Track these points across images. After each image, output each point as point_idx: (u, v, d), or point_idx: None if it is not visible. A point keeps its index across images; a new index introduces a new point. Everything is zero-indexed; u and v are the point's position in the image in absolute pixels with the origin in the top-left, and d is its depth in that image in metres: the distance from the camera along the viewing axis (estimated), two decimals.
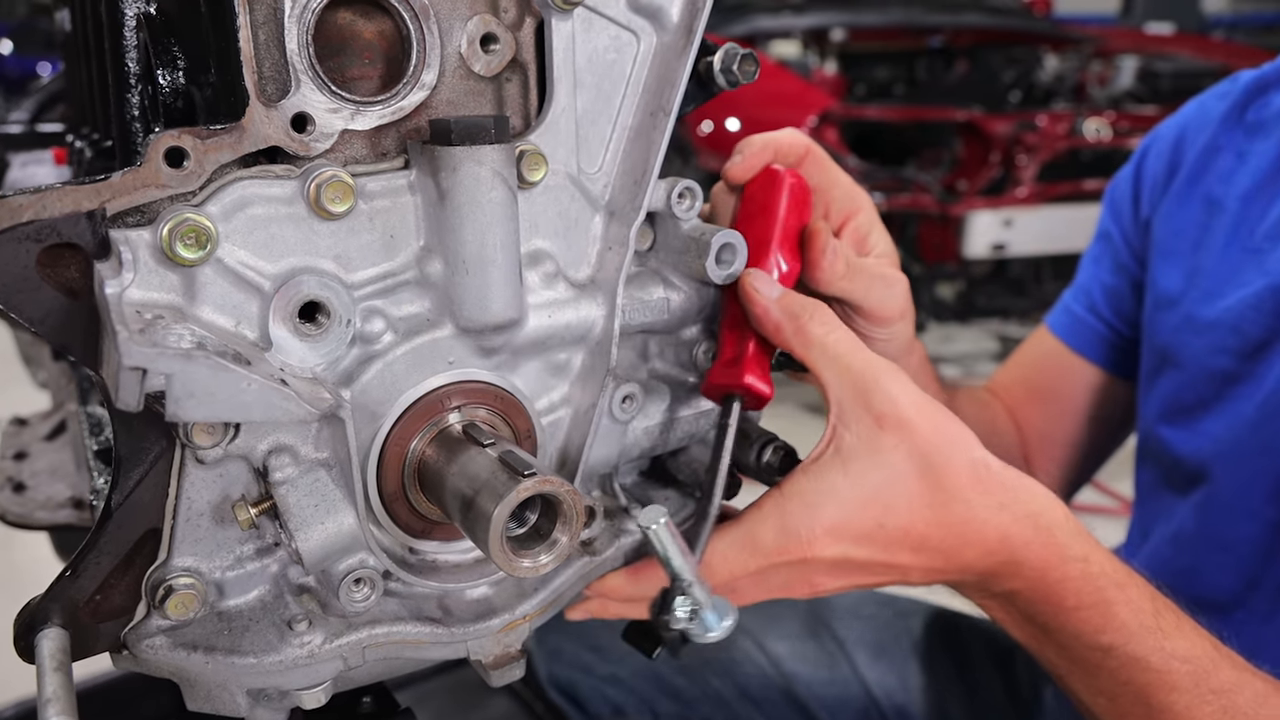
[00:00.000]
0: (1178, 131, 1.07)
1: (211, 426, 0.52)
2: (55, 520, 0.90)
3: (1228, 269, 0.94)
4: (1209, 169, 1.01)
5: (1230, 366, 0.91)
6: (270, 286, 0.51)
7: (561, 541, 0.53)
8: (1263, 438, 0.87)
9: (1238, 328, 0.90)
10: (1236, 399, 0.90)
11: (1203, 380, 0.93)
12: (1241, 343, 0.90)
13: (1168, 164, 1.06)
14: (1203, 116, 1.05)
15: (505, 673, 0.60)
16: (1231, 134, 1.00)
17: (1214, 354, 0.92)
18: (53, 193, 0.47)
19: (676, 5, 0.59)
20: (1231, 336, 0.91)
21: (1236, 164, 0.98)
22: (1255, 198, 0.94)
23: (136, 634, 0.55)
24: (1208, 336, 0.93)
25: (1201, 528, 0.93)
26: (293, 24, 0.50)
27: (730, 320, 0.66)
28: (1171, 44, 4.99)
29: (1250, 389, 0.89)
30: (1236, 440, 0.90)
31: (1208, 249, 0.97)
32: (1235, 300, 0.91)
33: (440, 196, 0.53)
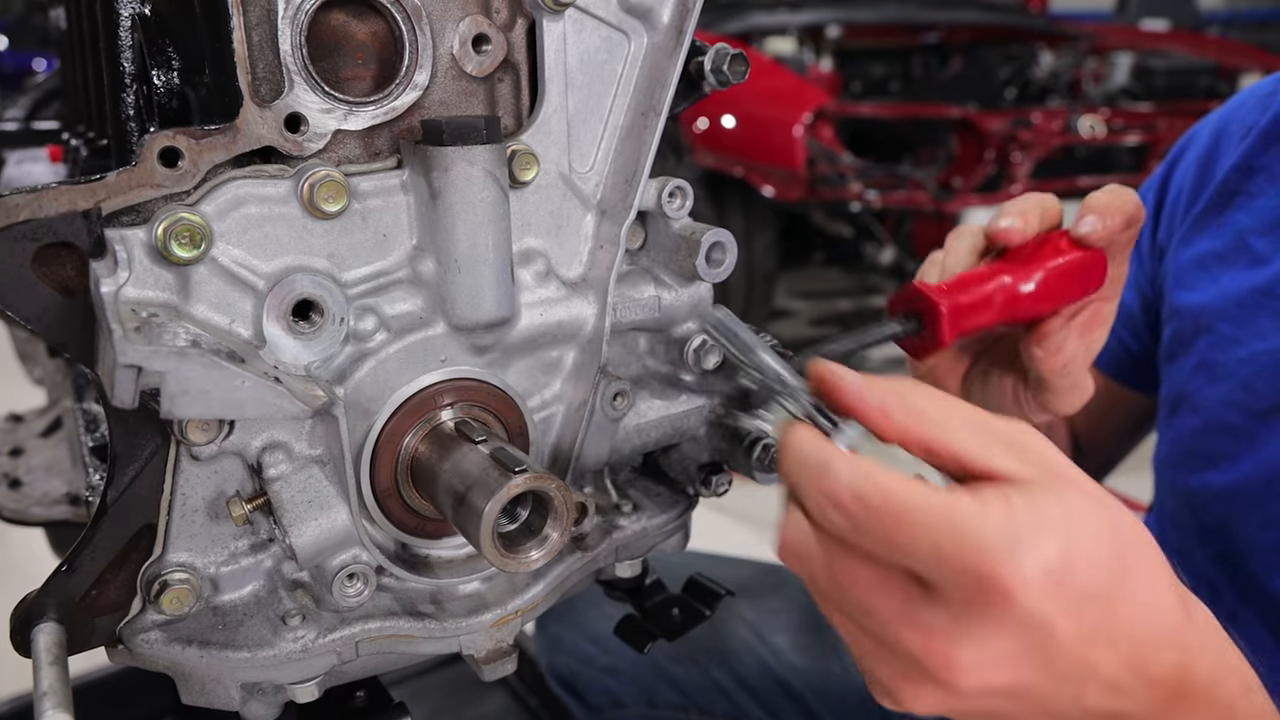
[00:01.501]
0: (1212, 140, 0.96)
1: (206, 423, 0.52)
2: (51, 516, 0.91)
3: (1244, 313, 0.87)
4: (1239, 191, 0.90)
5: (1240, 423, 0.85)
6: (264, 285, 0.52)
7: (553, 537, 0.53)
8: (1267, 509, 0.81)
9: (1250, 384, 0.84)
10: (1243, 459, 0.84)
11: (1215, 432, 0.87)
12: (1253, 400, 0.84)
13: (1196, 178, 0.95)
14: (1242, 125, 0.93)
15: (497, 667, 0.61)
16: (1267, 153, 0.89)
17: (1226, 407, 0.86)
18: (48, 192, 0.47)
19: (667, 6, 0.60)
20: (1243, 392, 0.85)
21: (1267, 188, 0.88)
22: (1275, 229, 0.86)
23: (132, 629, 0.56)
24: (1223, 385, 0.87)
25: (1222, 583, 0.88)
26: (286, 25, 0.50)
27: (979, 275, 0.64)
28: (1166, 40, 4.99)
29: (1257, 451, 0.83)
30: (1241, 504, 0.84)
31: (1226, 289, 0.89)
32: (1248, 353, 0.85)
33: (433, 196, 0.53)
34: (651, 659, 1.16)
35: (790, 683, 1.11)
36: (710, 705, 1.13)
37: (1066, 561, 0.44)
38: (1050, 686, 0.45)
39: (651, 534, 0.67)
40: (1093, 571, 0.44)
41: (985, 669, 0.44)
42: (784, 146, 3.35)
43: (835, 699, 1.10)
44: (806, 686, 1.11)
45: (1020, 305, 0.66)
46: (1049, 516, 0.44)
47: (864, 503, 0.44)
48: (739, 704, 1.12)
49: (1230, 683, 0.49)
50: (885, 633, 0.46)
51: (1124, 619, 0.45)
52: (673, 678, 1.16)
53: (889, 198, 3.37)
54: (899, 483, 0.45)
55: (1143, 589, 0.46)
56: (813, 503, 0.46)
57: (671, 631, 0.74)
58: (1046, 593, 0.43)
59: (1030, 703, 0.46)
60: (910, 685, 0.46)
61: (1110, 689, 0.46)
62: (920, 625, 0.44)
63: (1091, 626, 0.44)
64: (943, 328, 0.60)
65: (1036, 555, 0.43)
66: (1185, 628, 0.47)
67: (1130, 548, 0.46)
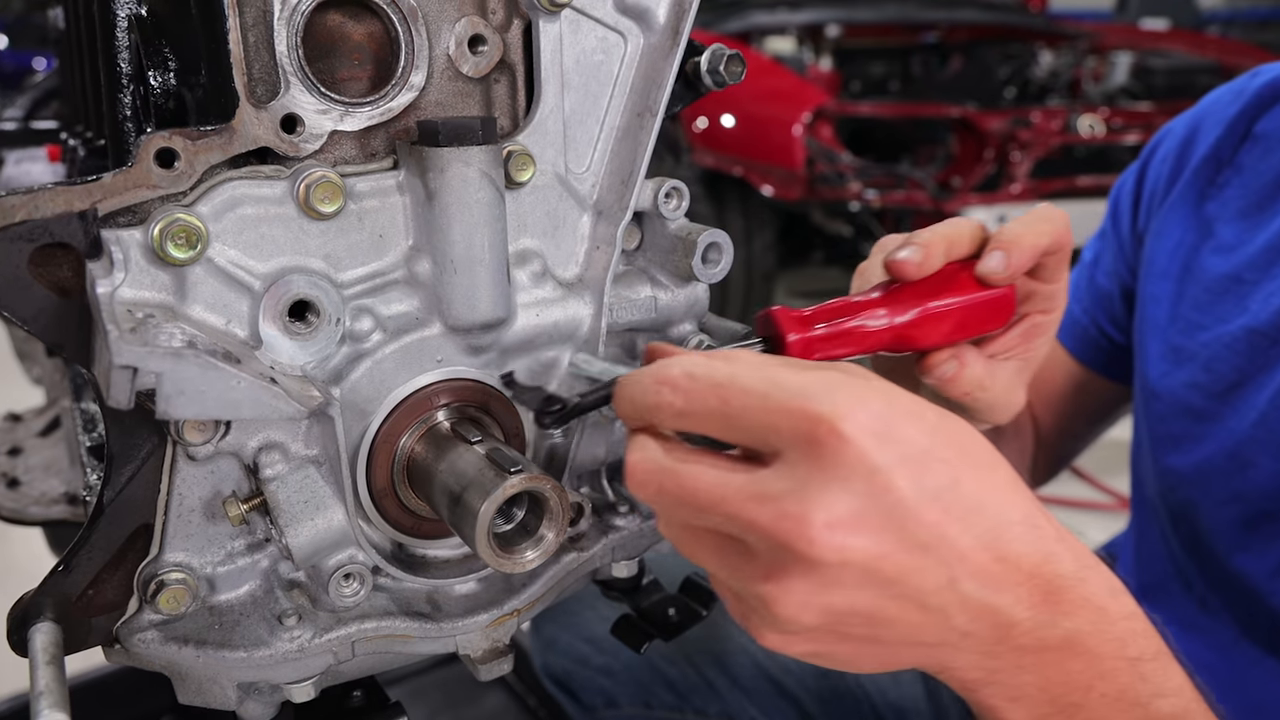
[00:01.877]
0: (1188, 131, 0.98)
1: (202, 424, 0.52)
2: (49, 516, 0.91)
3: (1211, 298, 0.88)
4: (1210, 181, 0.93)
5: (1201, 404, 0.87)
6: (260, 286, 0.52)
7: (548, 538, 0.53)
8: (1232, 485, 0.83)
9: (1210, 365, 0.86)
10: (1206, 439, 0.86)
11: (1178, 415, 0.89)
12: (1214, 381, 0.86)
13: (1172, 169, 0.98)
14: (1215, 116, 0.95)
15: (493, 667, 0.61)
16: (1236, 144, 0.92)
17: (1188, 389, 0.88)
18: (45, 193, 0.47)
19: (663, 7, 0.60)
20: (1204, 373, 0.87)
21: (1234, 179, 0.91)
22: (1246, 222, 0.88)
23: (128, 628, 0.56)
24: (1186, 369, 0.89)
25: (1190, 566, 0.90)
26: (282, 26, 0.51)
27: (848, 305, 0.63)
28: (1166, 40, 4.99)
29: (1218, 431, 0.85)
30: (1205, 483, 0.86)
31: (1195, 275, 0.91)
32: (1212, 336, 0.87)
33: (428, 197, 0.54)
34: (646, 659, 1.16)
35: (784, 683, 1.11)
36: (705, 705, 1.14)
37: (890, 415, 0.45)
38: (913, 564, 0.44)
39: (648, 534, 0.68)
40: (920, 435, 0.45)
41: (838, 531, 0.43)
42: (783, 146, 3.35)
43: (829, 699, 1.10)
44: (800, 687, 1.11)
45: (897, 339, 0.63)
46: (865, 385, 0.46)
47: (693, 376, 0.47)
48: (733, 704, 1.12)
49: (1094, 579, 0.48)
50: (740, 519, 0.45)
51: (970, 493, 0.45)
52: (667, 678, 1.16)
53: (888, 197, 3.37)
54: (724, 360, 0.48)
55: (986, 469, 0.47)
56: (649, 394, 0.48)
57: (668, 631, 0.74)
58: (877, 436, 0.44)
59: (902, 593, 0.45)
60: (776, 580, 0.45)
61: (981, 574, 0.45)
62: (767, 497, 0.44)
63: (933, 486, 0.44)
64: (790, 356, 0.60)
65: (857, 399, 0.44)
66: (1038, 514, 0.47)
67: (969, 441, 0.47)
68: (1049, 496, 2.94)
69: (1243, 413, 0.83)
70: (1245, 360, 0.84)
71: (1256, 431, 0.81)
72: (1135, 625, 0.49)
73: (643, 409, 0.49)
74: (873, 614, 0.46)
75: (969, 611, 0.46)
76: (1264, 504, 0.81)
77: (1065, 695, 0.48)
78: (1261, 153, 0.90)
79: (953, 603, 0.46)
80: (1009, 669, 0.48)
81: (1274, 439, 0.80)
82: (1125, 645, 0.49)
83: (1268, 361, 0.82)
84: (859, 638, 0.47)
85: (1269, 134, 0.89)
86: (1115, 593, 0.49)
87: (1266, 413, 0.81)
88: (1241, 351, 0.84)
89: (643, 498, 0.49)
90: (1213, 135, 0.94)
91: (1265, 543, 0.81)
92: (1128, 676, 0.49)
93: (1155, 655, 0.50)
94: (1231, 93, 0.95)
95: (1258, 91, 0.92)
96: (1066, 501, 2.91)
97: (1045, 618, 0.47)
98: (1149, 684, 0.49)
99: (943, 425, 0.47)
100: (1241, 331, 0.84)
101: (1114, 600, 0.49)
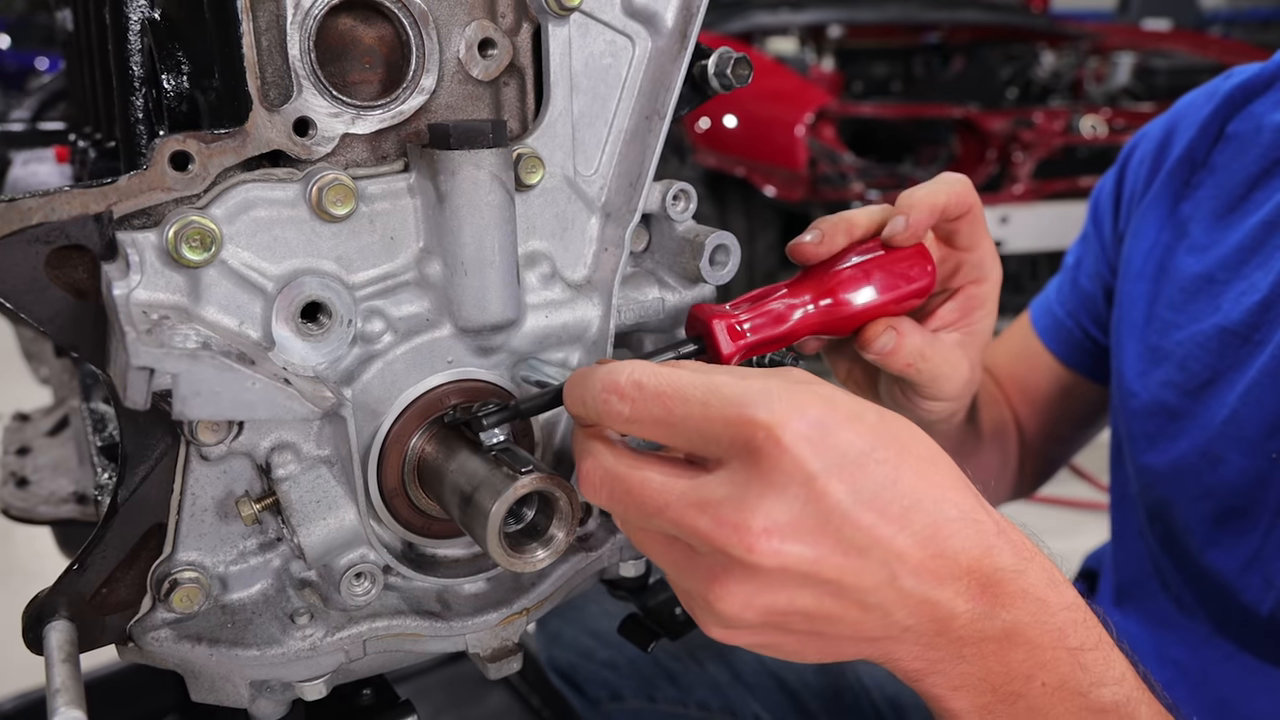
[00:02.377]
0: (1164, 133, 1.00)
1: (216, 424, 0.53)
2: (58, 515, 0.91)
3: (1185, 298, 0.90)
4: (1185, 182, 0.94)
5: (1176, 403, 0.88)
6: (273, 287, 0.52)
7: (558, 538, 0.54)
8: (1204, 481, 0.84)
9: (1184, 364, 0.87)
10: (1179, 436, 0.87)
11: (1154, 414, 0.90)
12: (1186, 379, 0.87)
13: (1149, 170, 0.99)
14: (1190, 118, 0.97)
15: (503, 666, 0.61)
16: (1209, 145, 0.93)
17: (1164, 388, 0.89)
18: (61, 196, 0.48)
19: (671, 10, 0.60)
20: (1179, 372, 0.88)
21: (1207, 179, 0.92)
22: (1219, 221, 0.89)
23: (142, 626, 0.56)
24: (1162, 368, 0.90)
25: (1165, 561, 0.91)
26: (295, 30, 0.51)
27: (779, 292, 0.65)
28: (1168, 40, 5.00)
29: (1191, 428, 0.86)
30: (1178, 480, 0.87)
31: (1170, 275, 0.92)
32: (1186, 335, 0.88)
33: (439, 199, 0.54)
34: (650, 655, 1.17)
35: (785, 678, 1.12)
36: (707, 700, 1.14)
37: (827, 420, 0.45)
38: (851, 566, 0.46)
39: None
40: (858, 438, 0.46)
41: (775, 537, 0.45)
42: (786, 146, 3.35)
43: (829, 695, 1.11)
44: (801, 683, 1.12)
45: (825, 319, 0.65)
46: (805, 390, 0.47)
47: (640, 385, 0.48)
48: (735, 699, 1.13)
49: (1033, 571, 0.49)
50: (682, 525, 0.47)
51: (908, 491, 0.46)
52: (671, 673, 1.17)
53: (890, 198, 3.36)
54: (670, 367, 0.49)
55: (926, 465, 0.48)
56: (598, 402, 0.49)
57: (675, 630, 0.75)
58: (812, 443, 0.45)
59: (841, 593, 0.46)
60: (718, 583, 0.47)
61: (920, 570, 0.46)
62: (708, 504, 0.46)
63: (870, 490, 0.45)
64: (718, 347, 0.61)
65: (795, 406, 0.45)
66: (979, 510, 0.48)
67: (910, 438, 0.48)
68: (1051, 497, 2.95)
69: (1214, 410, 0.84)
70: (1217, 358, 0.85)
71: (1227, 428, 0.82)
72: (1075, 615, 0.50)
73: (592, 414, 0.50)
74: (813, 612, 0.47)
75: (908, 606, 0.47)
76: (1233, 500, 0.82)
77: (1006, 685, 0.49)
78: (1234, 153, 0.90)
79: (892, 599, 0.47)
80: (950, 659, 0.49)
81: (1244, 435, 0.81)
82: (1065, 635, 0.49)
83: (1239, 359, 0.83)
84: (802, 633, 0.49)
85: (1241, 134, 0.90)
86: (1055, 584, 0.50)
87: (1237, 409, 0.82)
88: (1214, 350, 0.85)
89: (595, 502, 0.51)
90: (1187, 136, 0.95)
91: (1235, 538, 0.82)
92: (1068, 666, 0.49)
93: (1096, 645, 0.51)
94: (1205, 94, 0.97)
95: (1229, 93, 0.93)
96: (1067, 502, 2.92)
97: (984, 609, 0.48)
98: (1089, 673, 0.50)
99: (883, 425, 0.48)
100: (1214, 330, 0.85)
101: (1053, 591, 0.50)
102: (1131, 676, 0.52)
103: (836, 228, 0.67)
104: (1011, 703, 0.50)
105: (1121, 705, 0.50)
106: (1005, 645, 0.49)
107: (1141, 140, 1.04)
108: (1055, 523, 2.82)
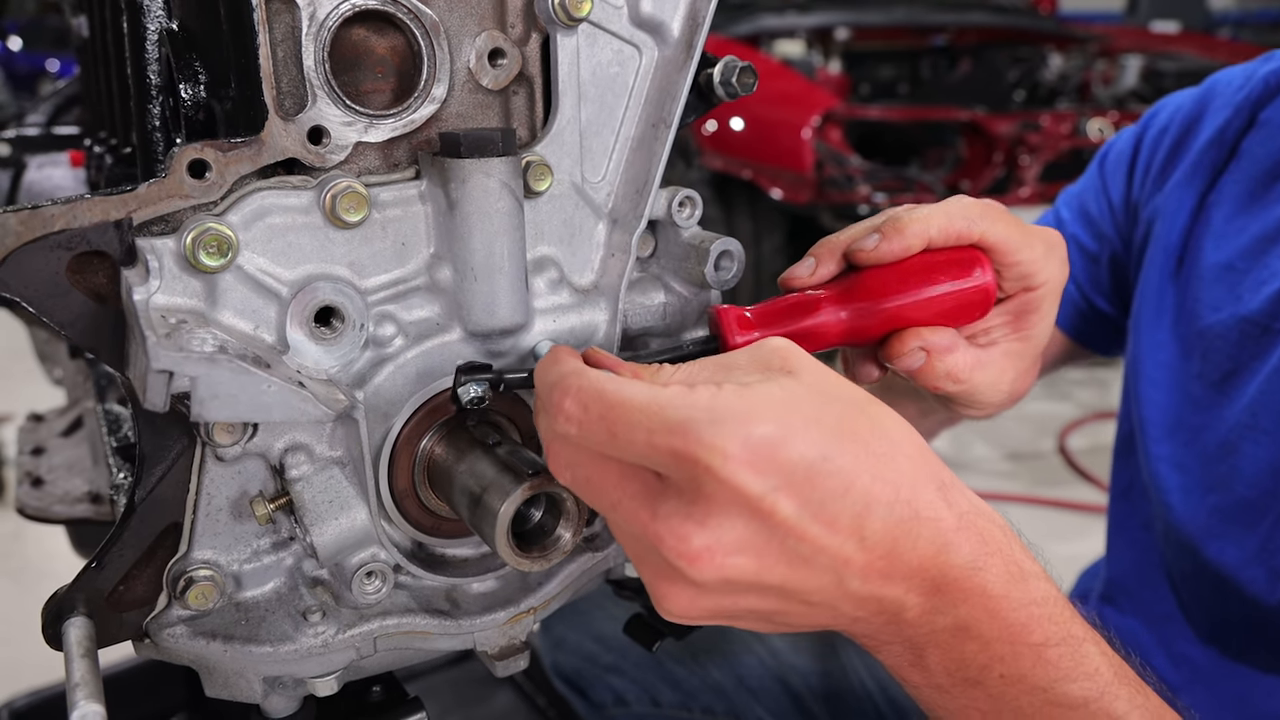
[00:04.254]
0: (1196, 107, 0.96)
1: (231, 426, 0.54)
2: (72, 514, 0.93)
3: (1206, 287, 0.89)
4: (1214, 167, 0.92)
5: (1200, 394, 0.87)
6: (288, 292, 0.54)
7: (564, 538, 0.55)
8: (1221, 471, 0.84)
9: (1207, 355, 0.87)
10: (1202, 428, 0.87)
11: (1175, 404, 0.89)
12: (1210, 370, 0.87)
13: (1174, 142, 0.96)
14: (1223, 98, 0.94)
15: (510, 664, 0.62)
16: (1240, 130, 0.91)
17: (1188, 379, 0.89)
18: (82, 203, 0.49)
19: (677, 20, 0.61)
20: (1202, 363, 0.87)
21: (1234, 166, 0.90)
22: (1242, 209, 0.89)
23: (158, 623, 0.57)
24: (1185, 359, 0.90)
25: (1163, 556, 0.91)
26: (309, 41, 0.52)
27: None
28: (1176, 43, 4.99)
29: (1213, 420, 0.86)
30: (1197, 471, 0.86)
31: (1194, 261, 0.91)
32: (1207, 325, 0.88)
33: (450, 206, 0.55)
34: (654, 658, 1.17)
35: (790, 682, 1.13)
36: (711, 705, 1.15)
37: (774, 437, 0.44)
38: (797, 574, 0.46)
39: None
40: (809, 448, 0.44)
41: (718, 554, 0.45)
42: (792, 149, 3.36)
43: (834, 699, 1.12)
44: (805, 687, 1.12)
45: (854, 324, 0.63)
46: (759, 397, 0.45)
47: (584, 407, 0.47)
48: (739, 704, 1.14)
49: (994, 567, 0.48)
50: (634, 527, 0.47)
51: (861, 495, 0.45)
52: (674, 677, 1.17)
53: (897, 200, 3.38)
54: (614, 382, 0.47)
55: (882, 464, 0.46)
56: (550, 402, 0.48)
57: (679, 630, 0.76)
58: (755, 466, 0.44)
59: (786, 595, 0.47)
60: (665, 583, 0.47)
61: (868, 571, 0.46)
62: (659, 515, 0.46)
63: (819, 500, 0.45)
64: (726, 338, 0.61)
65: (736, 429, 0.44)
66: (939, 506, 0.47)
67: (871, 434, 0.47)
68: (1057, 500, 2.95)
69: (1235, 400, 0.84)
70: (1237, 348, 0.84)
71: (1244, 418, 0.82)
72: (1041, 611, 0.50)
73: (547, 408, 0.49)
74: (759, 610, 0.48)
75: (854, 602, 0.48)
76: (1245, 491, 0.82)
77: (961, 671, 0.50)
78: (1262, 140, 0.89)
79: (839, 598, 0.47)
80: (902, 644, 0.50)
81: (1259, 425, 0.81)
82: (1028, 631, 0.49)
83: (1259, 349, 0.83)
84: (752, 622, 0.50)
85: (1273, 121, 0.89)
86: (1019, 579, 0.49)
87: (1255, 399, 0.82)
88: (1234, 340, 0.85)
89: (563, 481, 0.51)
90: (1221, 117, 0.92)
91: (1243, 530, 0.82)
92: (1029, 661, 0.49)
93: (1062, 640, 0.50)
94: (1242, 75, 0.94)
95: (1266, 77, 0.90)
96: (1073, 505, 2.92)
97: (935, 605, 0.48)
98: (1054, 668, 0.50)
99: (843, 424, 0.46)
100: (1233, 320, 0.85)
101: (1015, 587, 0.49)
102: (1107, 672, 0.51)
103: (827, 254, 0.65)
104: (968, 688, 0.50)
105: (1092, 700, 0.50)
106: (958, 638, 0.49)
107: (1166, 109, 1.00)
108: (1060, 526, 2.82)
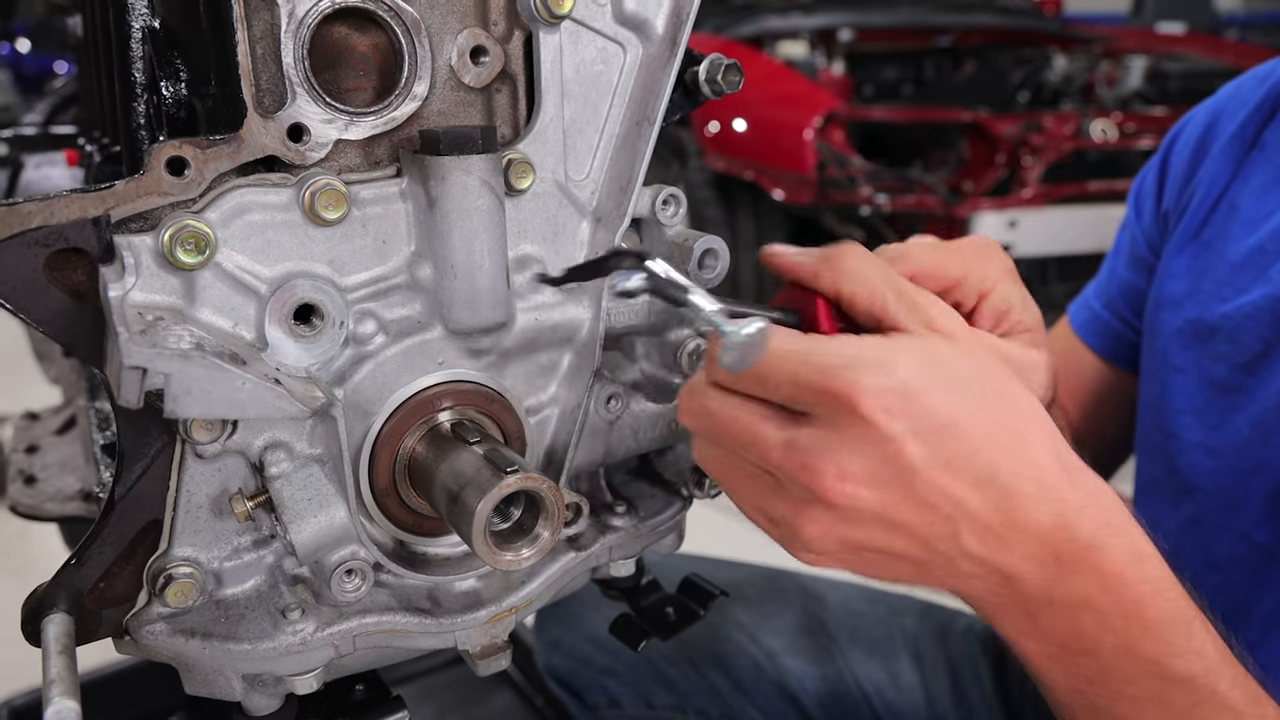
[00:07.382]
0: (1210, 117, 1.00)
1: (210, 423, 0.54)
2: (65, 512, 0.93)
3: (1232, 271, 0.89)
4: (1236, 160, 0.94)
5: (1227, 377, 0.87)
6: (266, 290, 0.54)
7: (543, 536, 0.55)
8: (1257, 455, 0.83)
9: (1234, 337, 0.87)
10: (1232, 411, 0.86)
11: (1201, 388, 0.90)
12: (1238, 353, 0.86)
13: (1194, 151, 0.99)
14: (1239, 100, 0.97)
15: (491, 663, 0.62)
16: (1262, 123, 0.93)
17: (1213, 361, 0.89)
18: (60, 200, 0.49)
19: (661, 18, 0.61)
20: (1229, 345, 0.87)
21: (1258, 157, 0.92)
22: (1269, 195, 0.89)
23: (138, 620, 0.57)
24: (1209, 343, 0.89)
25: (1188, 545, 0.90)
26: (289, 38, 0.52)
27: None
28: (1181, 44, 4.97)
29: (1245, 402, 0.85)
30: (1230, 455, 0.86)
31: (1216, 249, 0.92)
32: (1234, 307, 0.87)
33: (430, 204, 0.55)
34: (648, 661, 1.17)
35: (785, 684, 1.12)
36: (706, 707, 1.15)
37: (911, 385, 0.50)
38: (919, 516, 0.51)
39: (645, 534, 0.69)
40: (945, 408, 0.50)
41: (849, 483, 0.50)
42: (794, 150, 3.36)
43: (829, 701, 1.11)
44: (801, 688, 1.12)
45: None
46: (906, 349, 0.52)
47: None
48: (734, 706, 1.13)
49: (1115, 546, 0.52)
50: (770, 460, 0.53)
51: (986, 464, 0.50)
52: (669, 679, 1.17)
53: (899, 201, 3.38)
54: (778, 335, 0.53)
55: (1012, 440, 0.51)
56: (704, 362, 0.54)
57: (665, 630, 0.76)
58: (891, 410, 0.50)
59: (910, 536, 0.52)
60: (804, 512, 0.53)
61: (985, 533, 0.51)
62: (795, 447, 0.52)
63: (946, 455, 0.50)
64: (820, 318, 0.61)
65: (878, 372, 0.50)
66: (1063, 486, 0.52)
67: (1005, 411, 0.52)
68: None
69: (1268, 381, 0.84)
70: (1269, 329, 0.85)
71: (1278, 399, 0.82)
72: (1155, 590, 0.53)
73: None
74: (885, 548, 0.53)
75: (972, 562, 0.52)
76: None
77: (1074, 642, 0.54)
78: None
79: (956, 551, 0.52)
80: (1017, 611, 0.54)
81: None
82: (1142, 608, 0.53)
83: None
84: (878, 562, 0.54)
85: None
86: (1139, 559, 0.53)
87: None
88: (1265, 321, 0.85)
89: (692, 428, 0.57)
90: (1241, 115, 0.95)
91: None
92: (1140, 636, 0.53)
93: (1176, 619, 0.53)
94: (1257, 78, 0.97)
95: None
96: None
97: (1054, 576, 0.52)
98: (1164, 645, 0.53)
99: (982, 401, 0.51)
100: (1264, 300, 0.85)
101: (1134, 567, 0.53)
102: (1213, 651, 0.54)
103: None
104: (1080, 659, 0.54)
105: (1199, 676, 0.53)
106: (1074, 610, 0.53)
107: (1186, 125, 1.04)
108: None
